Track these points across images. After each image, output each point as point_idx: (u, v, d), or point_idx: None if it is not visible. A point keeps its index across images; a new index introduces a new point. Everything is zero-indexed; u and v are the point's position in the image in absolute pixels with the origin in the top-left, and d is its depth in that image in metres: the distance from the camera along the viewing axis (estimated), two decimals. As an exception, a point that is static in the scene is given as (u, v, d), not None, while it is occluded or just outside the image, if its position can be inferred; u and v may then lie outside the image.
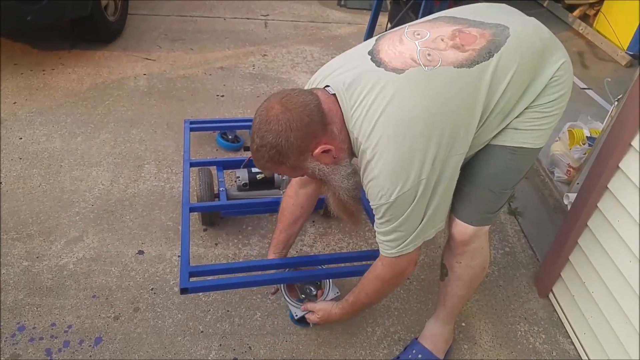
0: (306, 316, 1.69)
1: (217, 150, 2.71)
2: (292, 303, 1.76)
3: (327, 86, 1.37)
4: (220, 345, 1.79)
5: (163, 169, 2.55)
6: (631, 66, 3.81)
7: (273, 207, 2.12)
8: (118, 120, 2.89)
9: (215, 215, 2.23)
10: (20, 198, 2.31)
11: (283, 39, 3.87)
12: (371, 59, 1.34)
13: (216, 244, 2.18)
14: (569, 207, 2.13)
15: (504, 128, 1.39)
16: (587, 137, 2.34)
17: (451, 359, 1.81)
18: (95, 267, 2.03)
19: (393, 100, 1.25)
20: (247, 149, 2.24)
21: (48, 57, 3.45)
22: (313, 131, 1.29)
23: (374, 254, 1.76)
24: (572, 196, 2.13)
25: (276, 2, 4.58)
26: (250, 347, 1.80)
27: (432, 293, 2.04)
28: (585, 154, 2.26)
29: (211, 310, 1.90)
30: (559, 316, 1.99)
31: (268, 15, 4.31)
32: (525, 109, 1.36)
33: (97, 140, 2.73)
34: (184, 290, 1.61)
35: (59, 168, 2.51)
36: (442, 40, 1.33)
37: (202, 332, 1.83)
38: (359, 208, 1.51)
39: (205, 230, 2.24)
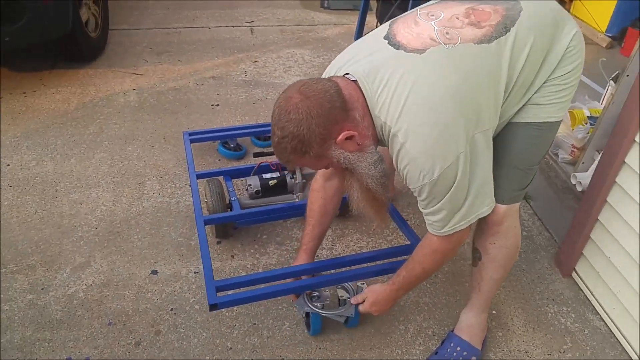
0: (359, 308, 1.63)
1: (219, 160, 2.64)
2: (317, 309, 1.70)
3: (347, 74, 1.33)
4: (251, 360, 1.73)
5: (166, 184, 2.47)
6: (612, 47, 3.83)
7: (290, 212, 2.07)
8: (112, 138, 2.80)
9: (229, 226, 2.16)
10: (16, 228, 2.21)
11: (271, 44, 3.82)
12: (388, 42, 1.33)
13: (232, 256, 2.11)
14: (577, 187, 2.11)
15: (525, 104, 1.39)
16: (587, 116, 2.34)
17: (488, 348, 1.77)
18: (107, 292, 1.94)
19: (418, 80, 1.24)
20: (256, 155, 2.18)
21: (27, 78, 3.33)
22: (334, 117, 1.25)
23: (403, 249, 1.72)
24: (580, 176, 2.12)
25: (259, 9, 4.54)
26: (283, 358, 1.73)
27: (459, 284, 2.00)
28: (588, 133, 2.25)
29: (237, 325, 1.83)
30: (584, 294, 1.96)
31: (253, 21, 4.25)
32: (544, 82, 1.36)
33: (93, 160, 2.63)
34: (213, 307, 1.53)
35: (55, 192, 2.42)
36: (458, 18, 1.34)
37: (231, 348, 1.76)
38: (387, 198, 1.47)
39: (219, 243, 2.16)
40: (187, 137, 2.44)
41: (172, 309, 1.88)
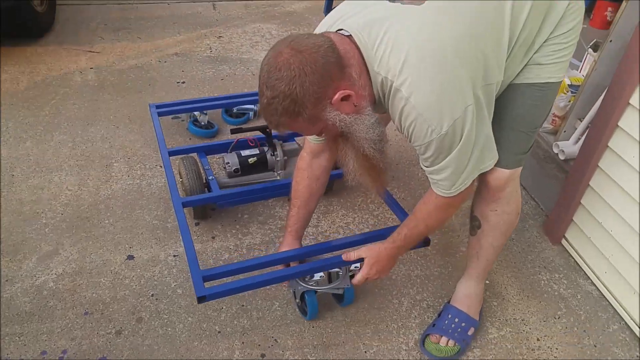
0: (356, 278, 1.53)
1: (190, 139, 2.50)
2: (312, 287, 1.61)
3: (340, 30, 1.24)
4: (243, 343, 1.63)
5: (135, 166, 2.32)
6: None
7: (274, 191, 1.96)
8: (71, 119, 2.60)
9: (208, 207, 2.04)
10: (-29, 217, 2.02)
11: (235, 19, 3.66)
12: None
13: (213, 237, 1.99)
14: (559, 156, 2.10)
15: (526, 65, 1.34)
16: (568, 85, 2.33)
17: (484, 318, 1.74)
18: (80, 280, 1.80)
19: (419, 31, 1.17)
20: (234, 131, 2.06)
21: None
22: (330, 74, 1.15)
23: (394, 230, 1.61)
24: (562, 144, 2.11)
25: (218, -17, 4.34)
26: (275, 339, 1.64)
27: (450, 256, 1.96)
28: (569, 101, 2.25)
29: (224, 307, 1.72)
30: (575, 260, 1.96)
31: (213, -4, 4.08)
32: (545, 41, 1.32)
33: (51, 143, 2.44)
34: (201, 299, 1.42)
35: (11, 178, 2.22)
36: None
37: (219, 332, 1.66)
38: (386, 163, 1.39)
39: (197, 224, 2.04)
40: (154, 111, 2.28)
41: (152, 295, 1.76)
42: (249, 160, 2.02)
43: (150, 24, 3.55)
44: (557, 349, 1.66)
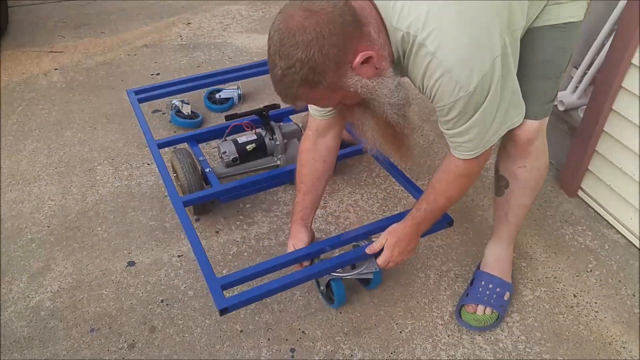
0: (379, 261, 1.42)
1: (175, 132, 2.34)
2: (339, 274, 1.50)
3: None
4: (269, 339, 1.51)
5: (120, 166, 2.15)
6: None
7: (279, 179, 1.83)
8: (43, 125, 2.41)
9: (208, 201, 1.90)
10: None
11: (202, 3, 3.47)
12: None
13: (217, 232, 1.85)
14: (558, 107, 2.02)
15: (545, 5, 1.24)
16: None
17: (516, 281, 1.65)
18: (80, 295, 1.65)
19: None
20: (229, 117, 1.91)
21: None
22: (349, 35, 1.03)
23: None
24: (560, 95, 2.03)
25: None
26: (303, 331, 1.53)
27: (469, 221, 1.87)
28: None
29: (242, 304, 1.60)
30: (595, 210, 1.89)
31: (175, -18, 3.85)
32: None
33: (25, 152, 2.25)
34: (224, 311, 1.29)
35: (-14, 196, 2.04)
36: None
37: (241, 331, 1.53)
38: (410, 129, 1.28)
39: (197, 220, 1.90)
40: (134, 98, 2.12)
41: (162, 301, 1.62)
42: (247, 147, 1.87)
43: (112, 18, 3.33)
44: (595, 303, 1.59)
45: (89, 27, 3.23)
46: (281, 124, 1.96)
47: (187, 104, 2.38)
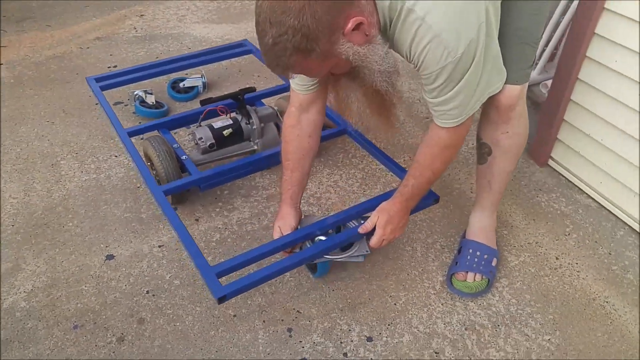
0: (371, 243, 1.41)
1: (140, 123, 2.24)
2: (331, 256, 1.48)
3: None
4: (264, 321, 1.48)
5: (86, 160, 2.04)
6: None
7: (263, 162, 1.79)
8: (-6, 122, 2.26)
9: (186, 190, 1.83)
10: None
11: (153, -5, 3.36)
12: None
13: (197, 220, 1.79)
14: None
15: None
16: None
17: (500, 247, 1.69)
18: (57, 293, 1.55)
19: None
20: (204, 102, 1.84)
21: None
22: (340, 0, 1.02)
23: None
24: None
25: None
26: (298, 310, 1.51)
27: (447, 194, 1.90)
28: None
29: (233, 289, 1.56)
30: (566, 178, 1.97)
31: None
32: None
33: (-23, 152, 2.10)
34: (222, 299, 1.25)
35: (-63, 200, 1.89)
36: None
37: (235, 316, 1.49)
38: (398, 98, 1.28)
39: (175, 209, 1.83)
40: (95, 86, 2.04)
41: (147, 292, 1.55)
42: (224, 132, 1.82)
43: (58, 11, 3.16)
44: (576, 263, 1.65)
45: (32, 20, 3.05)
46: (256, 107, 1.92)
47: (151, 94, 2.29)
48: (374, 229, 1.41)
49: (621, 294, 1.56)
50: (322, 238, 1.47)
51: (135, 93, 2.27)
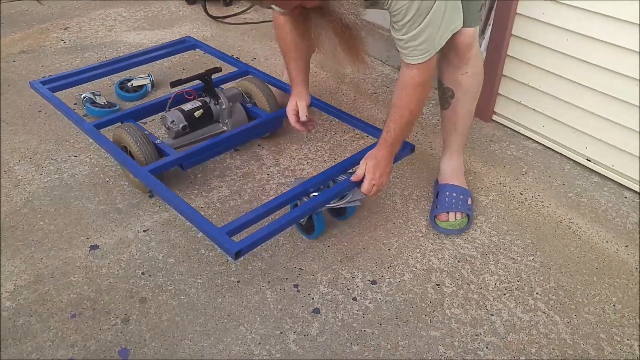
0: (362, 188, 1.48)
1: (93, 123, 2.17)
2: (332, 204, 1.53)
3: None
4: (269, 282, 1.49)
5: (43, 163, 1.94)
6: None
7: (242, 137, 1.84)
8: None
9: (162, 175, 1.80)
10: None
11: (74, 9, 3.23)
12: None
13: (177, 203, 1.77)
14: None
15: None
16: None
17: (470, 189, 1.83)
18: (45, 288, 1.46)
19: None
20: (173, 84, 1.82)
21: None
22: None
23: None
24: None
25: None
26: (300, 268, 1.53)
27: (413, 155, 2.01)
28: None
29: (229, 259, 1.55)
30: (511, 128, 2.15)
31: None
32: None
33: None
34: (238, 254, 1.28)
35: None
36: None
37: (238, 282, 1.49)
38: (366, 31, 1.39)
39: (151, 196, 1.79)
40: (42, 88, 1.96)
41: (143, 273, 1.51)
42: (195, 113, 1.82)
43: (-29, 29, 2.98)
44: (539, 195, 1.82)
45: (-54, 40, 2.85)
46: (223, 88, 1.94)
47: (99, 95, 2.23)
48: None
49: (581, 214, 1.74)
50: (316, 194, 1.52)
51: (83, 96, 2.20)
